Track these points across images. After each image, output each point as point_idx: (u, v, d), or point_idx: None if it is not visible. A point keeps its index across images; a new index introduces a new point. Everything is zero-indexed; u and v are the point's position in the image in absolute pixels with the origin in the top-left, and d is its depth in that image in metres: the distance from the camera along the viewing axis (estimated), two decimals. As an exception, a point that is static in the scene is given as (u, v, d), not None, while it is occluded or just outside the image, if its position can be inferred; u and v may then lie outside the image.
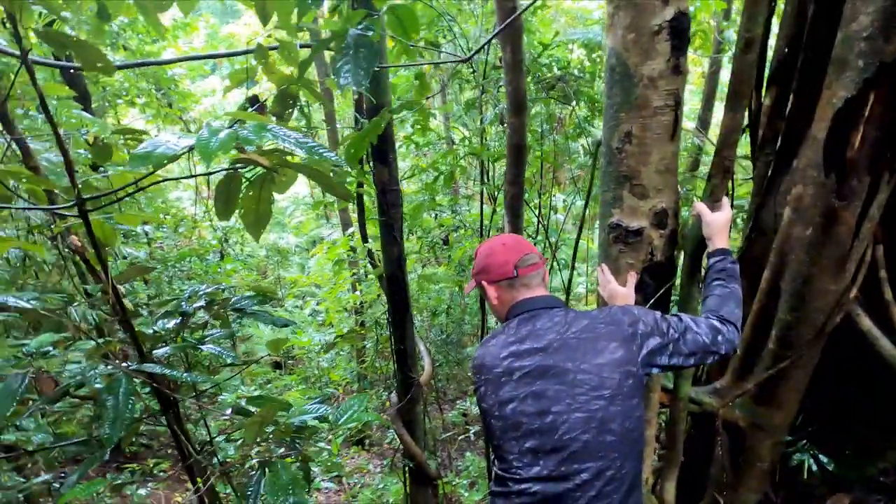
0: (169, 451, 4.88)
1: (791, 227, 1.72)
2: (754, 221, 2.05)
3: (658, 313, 1.30)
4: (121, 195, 1.47)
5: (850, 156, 1.49)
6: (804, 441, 1.99)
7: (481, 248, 1.42)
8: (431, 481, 3.58)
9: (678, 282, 2.03)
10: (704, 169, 5.71)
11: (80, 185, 1.41)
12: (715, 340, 1.25)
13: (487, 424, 1.30)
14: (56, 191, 2.03)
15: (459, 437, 6.08)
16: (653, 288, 1.89)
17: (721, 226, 1.54)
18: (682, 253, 1.91)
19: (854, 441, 1.90)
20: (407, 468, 3.51)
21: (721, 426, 2.03)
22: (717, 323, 1.27)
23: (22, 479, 2.66)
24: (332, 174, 1.59)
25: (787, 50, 1.90)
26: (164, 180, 1.54)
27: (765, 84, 2.02)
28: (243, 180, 1.38)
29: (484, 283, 1.37)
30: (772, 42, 2.07)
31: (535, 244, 5.31)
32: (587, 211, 4.21)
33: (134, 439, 4.83)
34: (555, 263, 5.73)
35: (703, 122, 6.48)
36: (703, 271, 1.82)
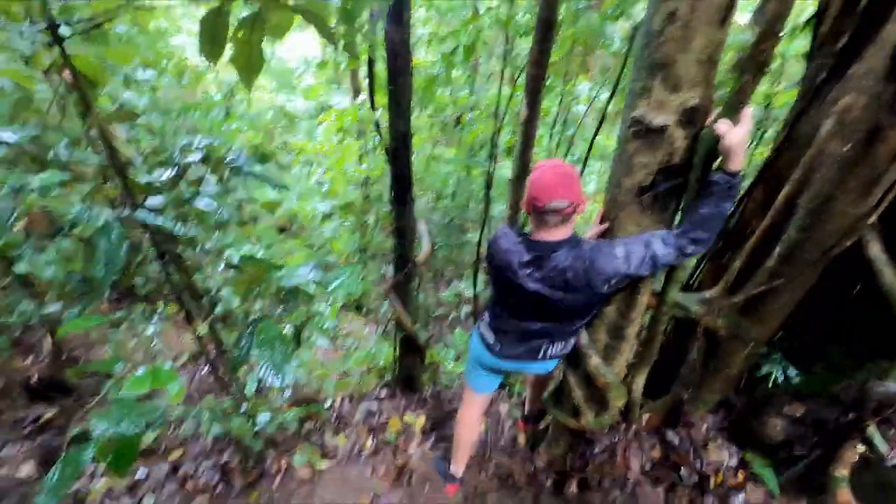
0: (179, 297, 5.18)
1: (828, 141, 1.58)
2: (789, 131, 1.89)
3: (625, 257, 1.61)
4: (102, 20, 1.32)
5: (921, 64, 1.30)
6: (777, 355, 2.06)
7: (538, 168, 1.67)
8: (420, 350, 3.84)
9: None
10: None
11: (53, 8, 1.26)
12: (675, 259, 1.62)
13: (496, 290, 1.93)
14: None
15: (451, 315, 6.42)
16: (663, 190, 1.81)
17: (739, 143, 1.46)
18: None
19: (826, 360, 1.96)
20: (398, 336, 3.74)
21: (701, 332, 2.08)
22: (686, 245, 1.58)
23: (38, 306, 2.85)
24: (335, 24, 1.42)
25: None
26: (145, 8, 1.38)
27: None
28: (232, 20, 1.23)
29: (526, 197, 1.69)
30: None
31: (551, 135, 5.04)
32: (611, 105, 3.90)
33: (143, 283, 5.10)
34: (569, 157, 5.51)
35: (760, 17, 5.74)
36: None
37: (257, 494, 2.54)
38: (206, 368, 3.85)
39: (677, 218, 1.89)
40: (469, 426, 2.50)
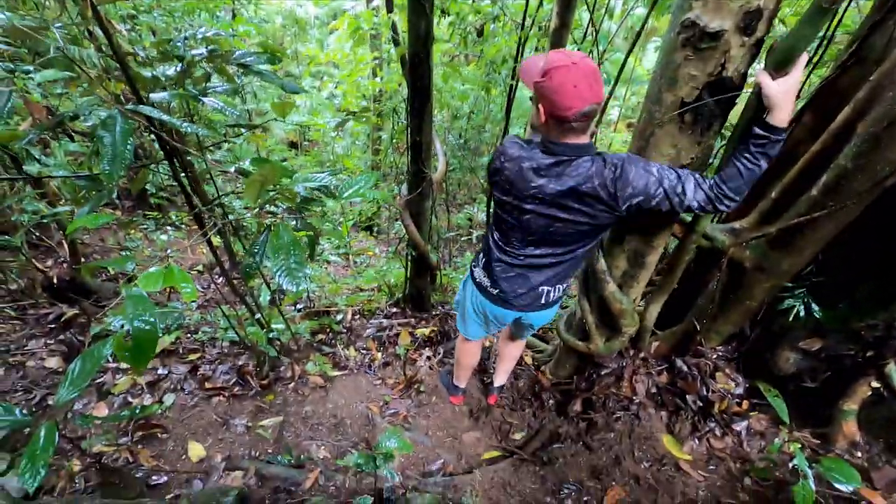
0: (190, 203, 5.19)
1: (907, 55, 1.40)
2: (858, 45, 1.69)
3: (658, 177, 1.45)
4: None
5: None
6: (802, 289, 2.00)
7: (558, 69, 1.37)
8: (431, 270, 3.84)
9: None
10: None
11: None
12: (700, 207, 1.45)
13: (497, 213, 1.73)
14: None
15: (462, 238, 6.40)
16: (708, 112, 1.65)
17: (784, 95, 1.31)
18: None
19: (852, 297, 1.90)
20: (409, 256, 3.72)
21: (725, 264, 2.01)
22: (718, 198, 1.42)
23: (49, 207, 2.84)
24: None
25: None
26: None
27: None
28: None
29: (541, 104, 1.46)
30: None
31: (578, 50, 4.69)
32: (649, 22, 3.54)
33: (155, 190, 5.07)
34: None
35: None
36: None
37: (273, 396, 2.66)
38: (221, 279, 3.91)
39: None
40: (468, 355, 2.54)
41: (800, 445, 1.71)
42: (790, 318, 1.99)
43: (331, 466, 2.20)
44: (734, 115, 1.91)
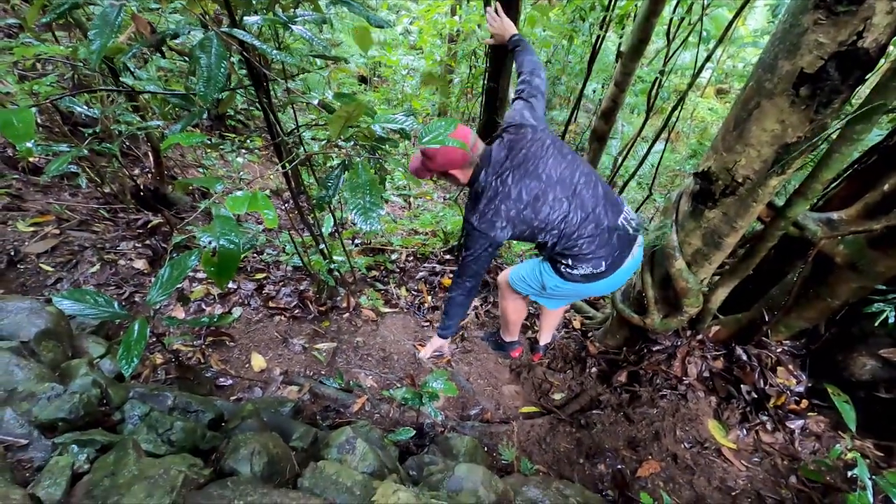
0: (263, 134, 5.35)
1: None
2: None
3: None
4: None
5: None
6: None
7: (434, 153, 1.67)
8: (489, 223, 3.81)
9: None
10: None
11: None
12: None
13: (564, 204, 1.70)
14: None
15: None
16: (830, 87, 1.47)
17: None
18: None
19: (954, 310, 1.73)
20: (469, 205, 3.70)
21: (812, 256, 1.86)
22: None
23: (141, 120, 3.01)
24: None
25: None
26: None
27: None
28: None
29: (454, 172, 1.73)
30: None
31: (675, 6, 4.28)
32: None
33: (232, 113, 5.25)
34: (692, 37, 4.72)
35: None
36: None
37: (328, 323, 2.81)
38: (287, 205, 4.07)
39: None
40: (518, 311, 2.53)
41: (861, 455, 1.63)
42: (875, 323, 1.84)
43: (377, 395, 2.34)
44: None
